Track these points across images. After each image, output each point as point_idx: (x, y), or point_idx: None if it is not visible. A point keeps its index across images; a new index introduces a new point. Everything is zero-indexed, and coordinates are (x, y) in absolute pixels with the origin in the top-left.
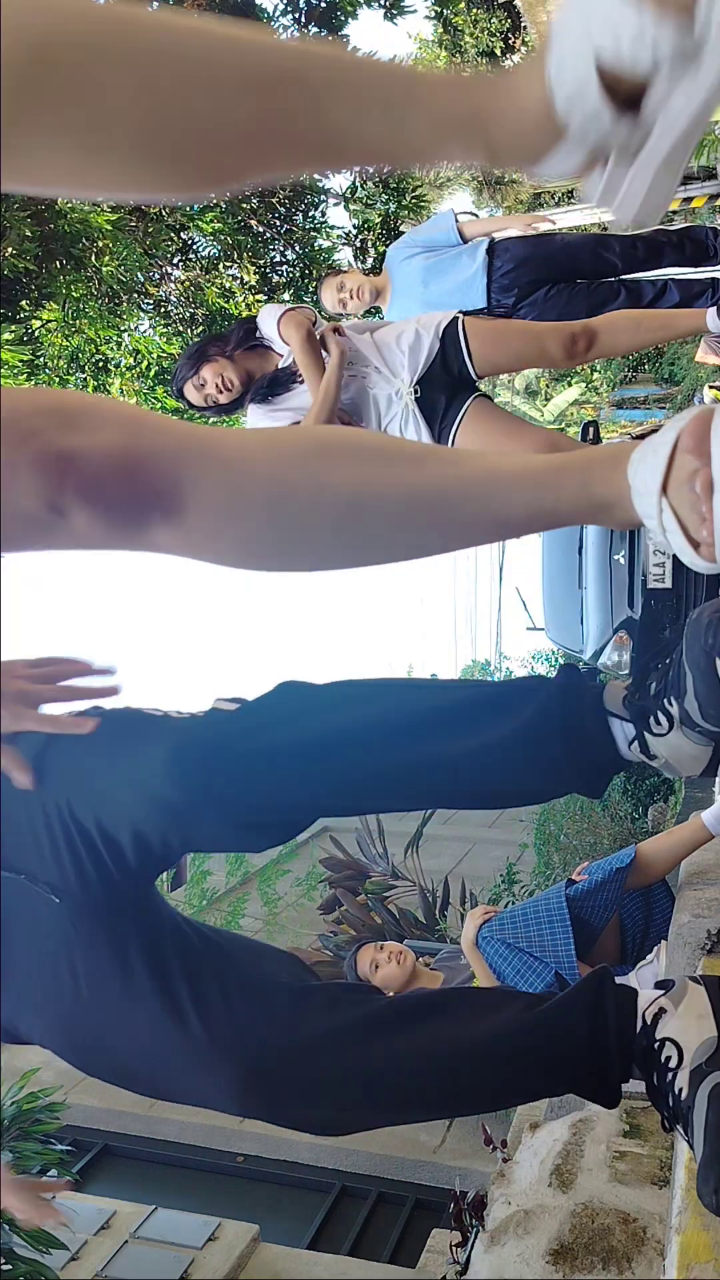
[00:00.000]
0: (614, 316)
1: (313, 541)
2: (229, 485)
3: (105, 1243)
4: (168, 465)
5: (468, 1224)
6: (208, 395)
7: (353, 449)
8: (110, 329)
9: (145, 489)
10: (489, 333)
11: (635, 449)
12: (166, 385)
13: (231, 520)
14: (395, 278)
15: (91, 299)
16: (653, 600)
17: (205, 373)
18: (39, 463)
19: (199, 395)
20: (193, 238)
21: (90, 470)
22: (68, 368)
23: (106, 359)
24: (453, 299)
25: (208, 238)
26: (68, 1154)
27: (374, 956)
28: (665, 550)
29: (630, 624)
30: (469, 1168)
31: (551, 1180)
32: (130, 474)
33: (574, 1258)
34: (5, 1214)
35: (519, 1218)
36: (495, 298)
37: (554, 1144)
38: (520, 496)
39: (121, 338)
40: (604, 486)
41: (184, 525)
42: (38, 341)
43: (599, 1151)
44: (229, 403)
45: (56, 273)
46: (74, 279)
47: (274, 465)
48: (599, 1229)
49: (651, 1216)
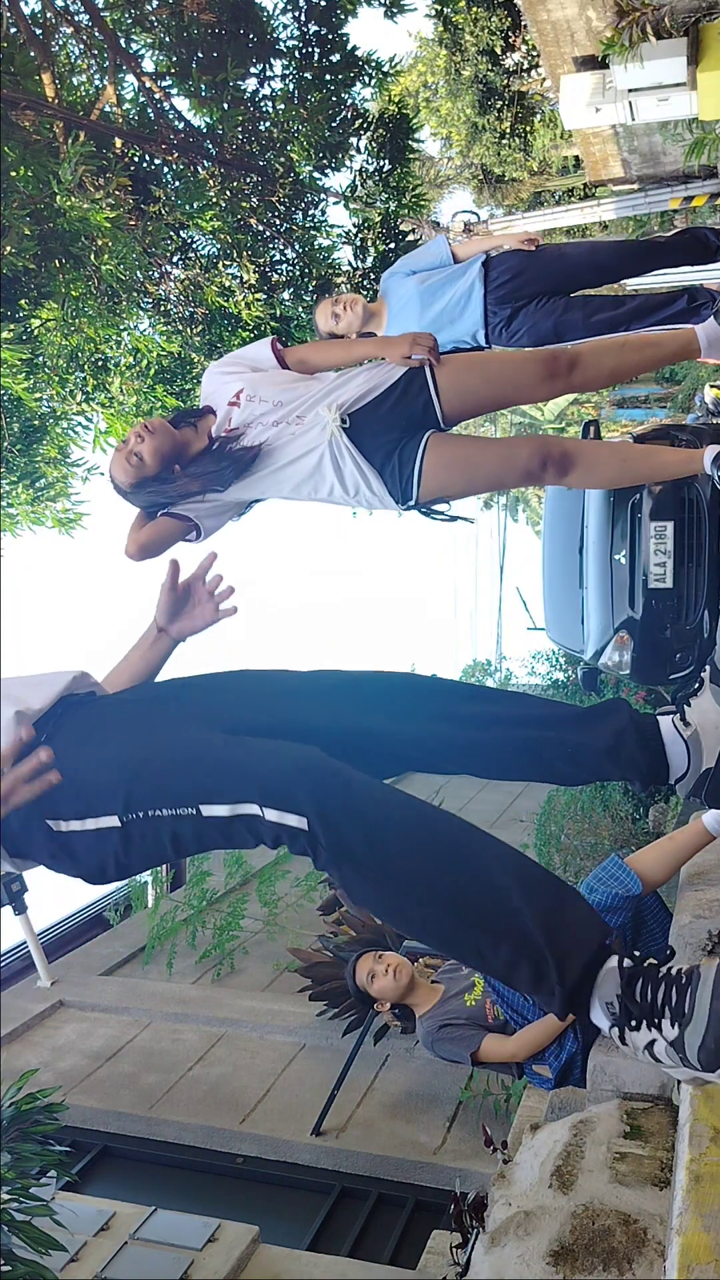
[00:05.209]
0: (597, 340)
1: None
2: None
3: (105, 1244)
4: None
5: (468, 1225)
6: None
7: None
8: (109, 328)
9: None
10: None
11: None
12: (166, 384)
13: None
14: (390, 301)
15: (91, 298)
16: (653, 600)
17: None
18: None
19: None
20: (192, 236)
21: None
22: (67, 366)
23: (106, 358)
24: (450, 316)
25: (207, 236)
26: (67, 1155)
27: (371, 967)
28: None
29: (631, 624)
30: (469, 1169)
31: (552, 1181)
32: None
33: (574, 1259)
34: (5, 1214)
35: (519, 1219)
36: (492, 309)
37: (554, 1145)
38: None
39: (121, 336)
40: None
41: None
42: (37, 340)
43: (599, 1153)
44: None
45: (56, 271)
46: (73, 278)
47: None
48: (600, 1230)
49: (652, 1218)
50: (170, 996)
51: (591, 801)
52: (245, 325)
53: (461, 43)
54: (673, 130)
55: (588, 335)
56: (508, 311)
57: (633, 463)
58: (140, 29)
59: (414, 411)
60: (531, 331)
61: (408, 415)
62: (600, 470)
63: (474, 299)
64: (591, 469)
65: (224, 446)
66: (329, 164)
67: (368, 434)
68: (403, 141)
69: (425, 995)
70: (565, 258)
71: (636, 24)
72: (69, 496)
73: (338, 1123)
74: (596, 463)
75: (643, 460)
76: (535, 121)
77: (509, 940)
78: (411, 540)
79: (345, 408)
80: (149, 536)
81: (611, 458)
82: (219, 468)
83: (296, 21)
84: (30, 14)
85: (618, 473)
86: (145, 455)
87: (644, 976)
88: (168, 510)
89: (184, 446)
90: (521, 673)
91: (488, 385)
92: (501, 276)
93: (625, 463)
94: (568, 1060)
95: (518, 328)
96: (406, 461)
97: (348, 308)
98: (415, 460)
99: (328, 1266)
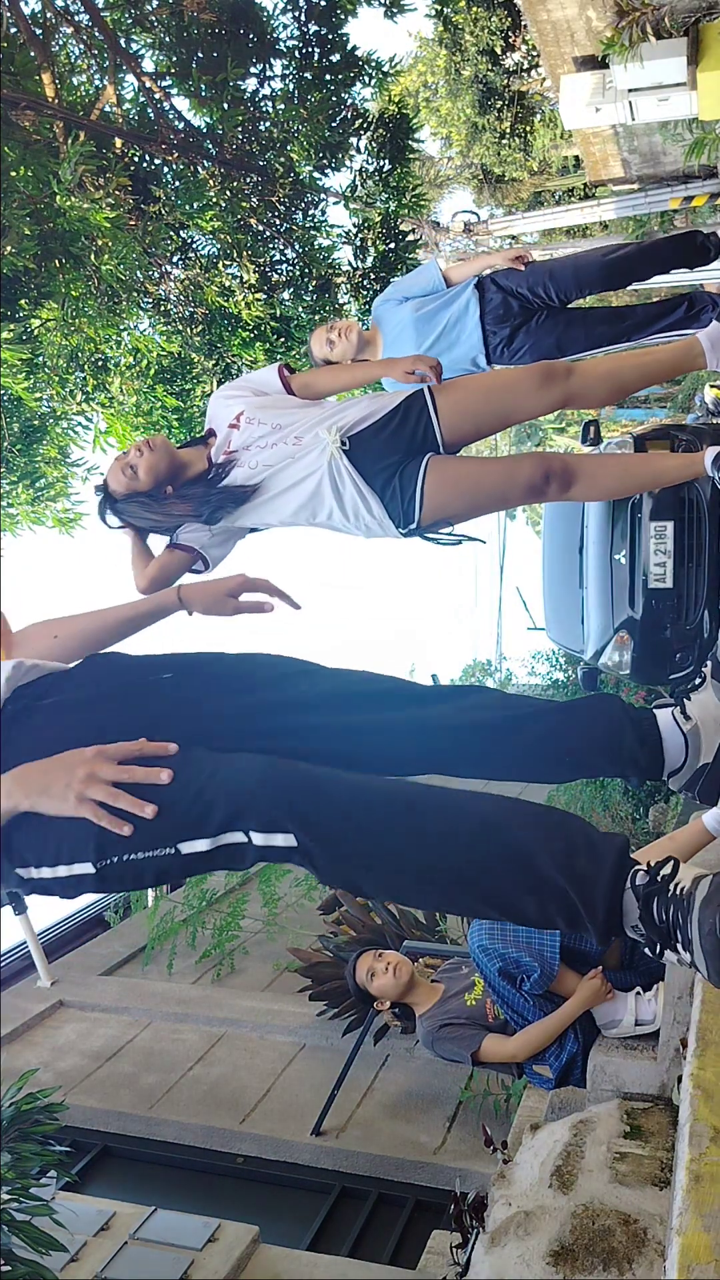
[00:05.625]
0: (590, 361)
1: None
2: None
3: (105, 1244)
4: None
5: (468, 1225)
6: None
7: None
8: (109, 328)
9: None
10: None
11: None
12: (166, 384)
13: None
14: (385, 329)
15: (91, 298)
16: (653, 600)
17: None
18: None
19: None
20: (192, 236)
21: None
22: (67, 366)
23: (106, 358)
24: (449, 341)
25: (207, 236)
26: (67, 1155)
27: (371, 965)
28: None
29: (631, 624)
30: (469, 1169)
31: (552, 1181)
32: None
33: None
34: (5, 1214)
35: (519, 1219)
36: (490, 329)
37: (554, 1145)
38: None
39: (121, 336)
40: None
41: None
42: (37, 340)
43: (600, 1152)
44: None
45: (56, 271)
46: (73, 278)
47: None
48: (600, 1230)
49: (652, 1218)
50: (170, 996)
51: (591, 801)
52: (245, 325)
53: (461, 43)
54: (673, 130)
55: (590, 349)
56: (507, 331)
57: (634, 471)
58: (140, 29)
59: (414, 435)
60: (534, 350)
61: (408, 439)
62: (603, 481)
63: (470, 321)
64: (594, 481)
65: (219, 476)
66: (329, 164)
67: (368, 458)
68: (403, 141)
69: (425, 994)
70: (553, 275)
71: (636, 24)
72: (69, 496)
73: (338, 1123)
74: (599, 474)
75: (644, 468)
76: (535, 121)
77: (533, 894)
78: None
79: (345, 430)
80: (156, 570)
81: (613, 468)
82: (209, 496)
83: (296, 21)
84: (30, 14)
85: (620, 483)
86: (140, 470)
87: (658, 896)
88: (174, 543)
89: (182, 468)
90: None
91: (486, 403)
92: (496, 297)
93: (627, 472)
94: (568, 1060)
95: (519, 346)
96: (407, 483)
97: (342, 335)
98: (416, 482)
99: (328, 1266)
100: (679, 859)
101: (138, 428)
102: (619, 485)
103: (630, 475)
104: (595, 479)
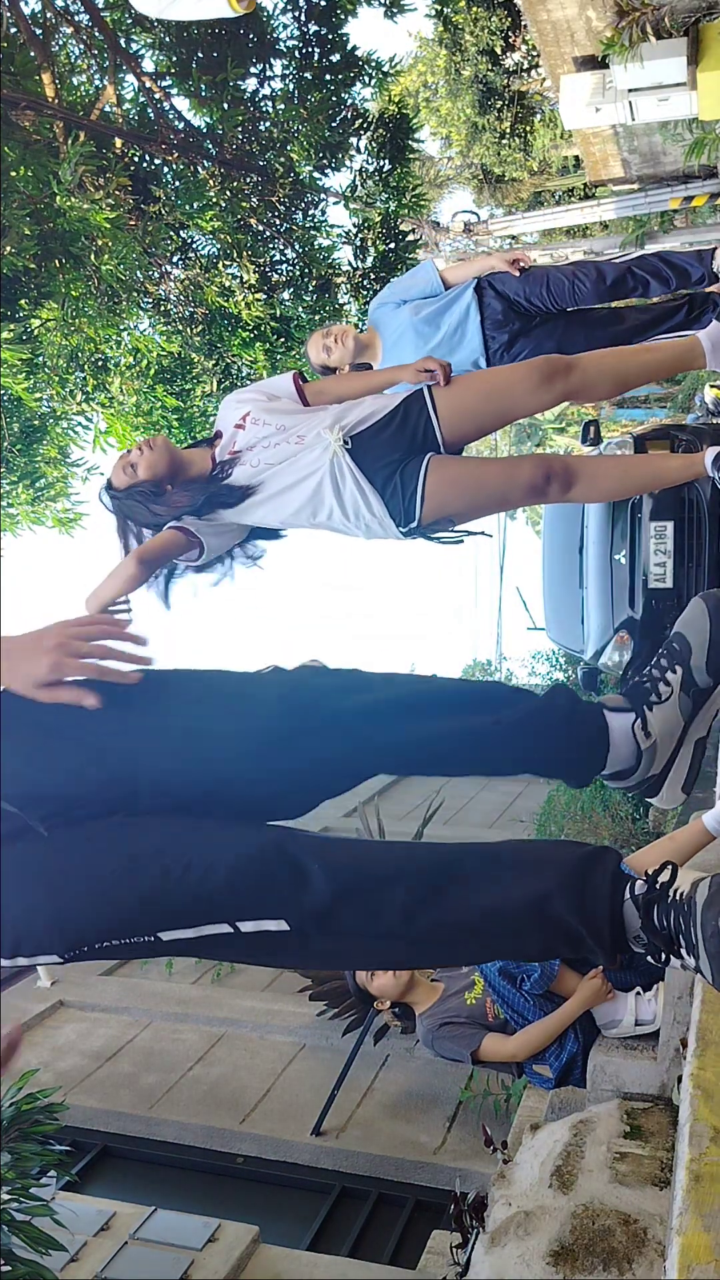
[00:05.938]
0: (591, 355)
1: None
2: None
3: (105, 1244)
4: None
5: (468, 1225)
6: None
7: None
8: (109, 328)
9: None
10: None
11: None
12: (166, 384)
13: None
14: (384, 332)
15: (91, 298)
16: (653, 600)
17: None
18: None
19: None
20: (192, 236)
21: None
22: (67, 366)
23: (106, 358)
24: (450, 345)
25: (207, 236)
26: (67, 1155)
27: None
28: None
29: (631, 624)
30: (469, 1169)
31: (552, 1181)
32: None
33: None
34: (5, 1214)
35: (519, 1219)
36: (490, 334)
37: (554, 1145)
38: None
39: (121, 336)
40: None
41: None
42: (37, 340)
43: (599, 1153)
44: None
45: (56, 271)
46: (73, 278)
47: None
48: (600, 1230)
49: (652, 1218)
50: (170, 996)
51: (591, 801)
52: (245, 325)
53: (461, 43)
54: (673, 130)
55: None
56: (506, 336)
57: (634, 472)
58: (140, 29)
59: (414, 435)
60: (535, 353)
61: (408, 438)
62: (603, 482)
63: (471, 326)
64: (594, 482)
65: (222, 474)
66: (329, 164)
67: (369, 457)
68: (403, 141)
69: (425, 993)
70: (551, 281)
71: (636, 24)
72: (69, 496)
73: (338, 1123)
74: (599, 475)
75: (644, 468)
76: (535, 121)
77: (535, 936)
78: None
79: (347, 429)
80: (151, 544)
81: (613, 469)
82: (208, 492)
83: (296, 21)
84: (30, 14)
85: (620, 483)
86: (140, 469)
87: (658, 903)
88: (173, 525)
89: (184, 466)
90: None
91: (487, 401)
92: (495, 301)
93: (627, 473)
94: (568, 1060)
95: (519, 350)
96: (408, 481)
97: (339, 340)
98: (417, 480)
99: (328, 1266)
100: (677, 862)
101: (138, 428)
102: (619, 486)
103: (630, 476)
104: (596, 480)
